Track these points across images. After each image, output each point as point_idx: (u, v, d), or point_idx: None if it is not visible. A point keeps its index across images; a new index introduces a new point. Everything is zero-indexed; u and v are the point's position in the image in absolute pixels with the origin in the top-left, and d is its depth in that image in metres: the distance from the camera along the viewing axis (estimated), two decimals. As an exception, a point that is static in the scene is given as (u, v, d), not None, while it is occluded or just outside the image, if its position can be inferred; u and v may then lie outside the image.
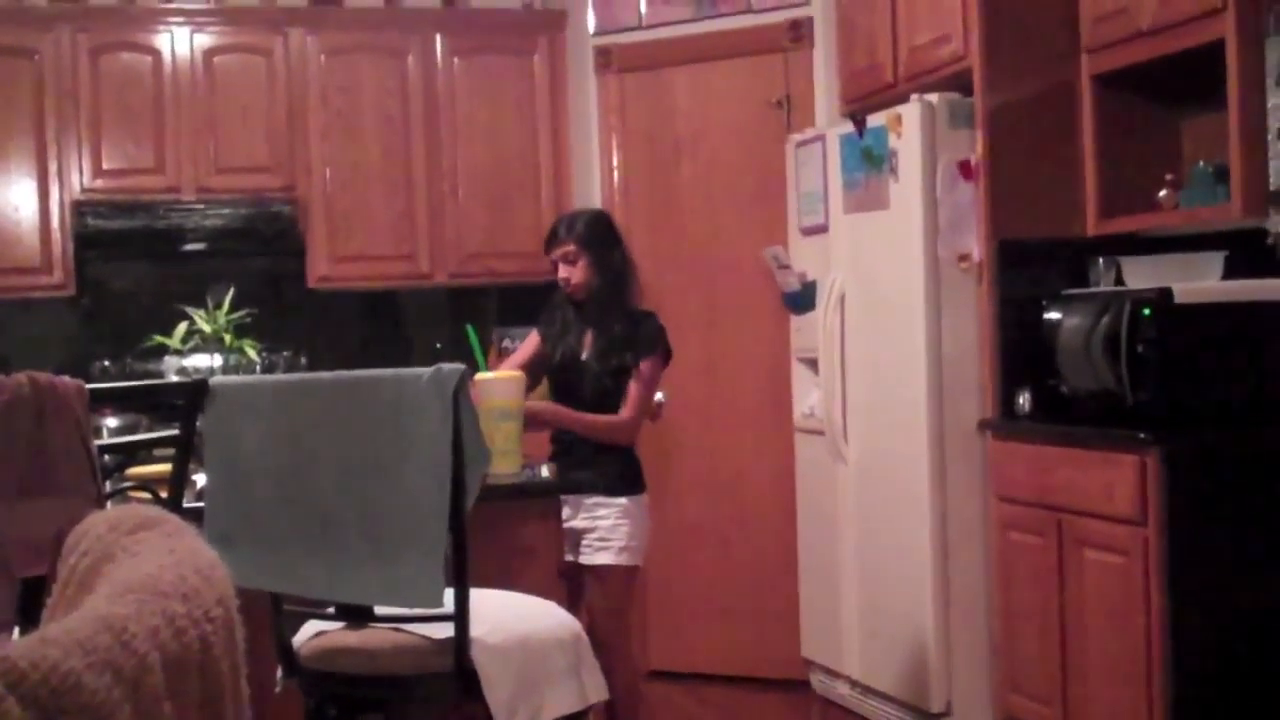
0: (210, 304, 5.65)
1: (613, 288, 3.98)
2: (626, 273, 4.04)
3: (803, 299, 5.19)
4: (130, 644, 0.96)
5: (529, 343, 4.16)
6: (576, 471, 3.80)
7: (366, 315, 6.21)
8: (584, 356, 3.97)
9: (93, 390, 2.55)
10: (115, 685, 0.92)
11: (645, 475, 4.03)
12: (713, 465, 5.61)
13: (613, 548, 3.88)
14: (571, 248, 3.97)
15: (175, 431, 2.77)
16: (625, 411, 3.90)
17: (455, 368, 2.65)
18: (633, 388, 3.90)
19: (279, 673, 2.92)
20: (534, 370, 4.04)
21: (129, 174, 5.65)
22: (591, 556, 3.88)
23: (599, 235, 4.01)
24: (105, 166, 5.62)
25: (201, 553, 1.22)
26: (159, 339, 5.58)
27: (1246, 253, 3.99)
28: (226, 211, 5.68)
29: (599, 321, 3.97)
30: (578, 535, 3.89)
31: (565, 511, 3.77)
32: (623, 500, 3.89)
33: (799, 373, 5.29)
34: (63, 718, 0.87)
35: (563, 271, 4.00)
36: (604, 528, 3.88)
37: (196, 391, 2.83)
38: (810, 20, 5.45)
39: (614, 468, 3.87)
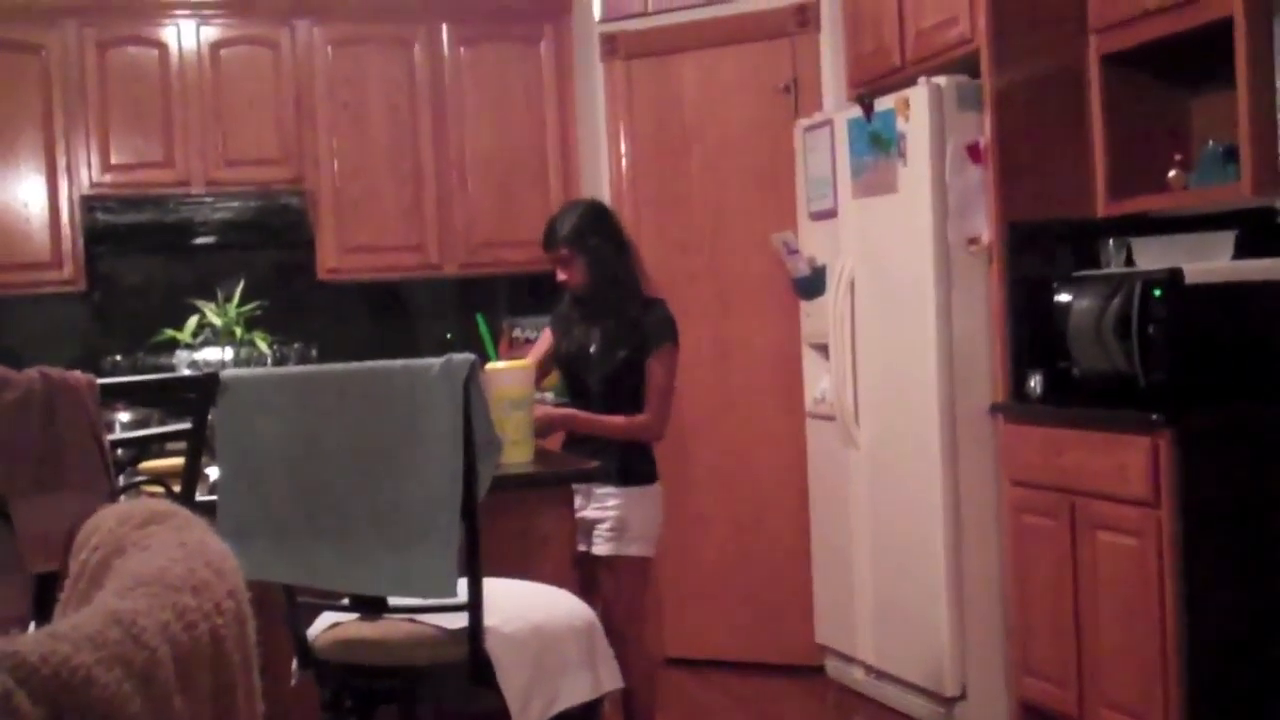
0: (221, 297, 5.66)
1: (612, 281, 3.96)
2: (625, 263, 4.01)
3: (812, 284, 5.18)
4: (141, 638, 0.96)
5: (544, 338, 4.21)
6: (588, 462, 3.80)
7: (376, 306, 6.22)
8: (591, 350, 3.97)
9: (104, 385, 2.55)
10: (126, 679, 0.92)
11: (657, 464, 4.03)
12: (724, 452, 5.61)
13: (623, 538, 3.89)
14: (564, 251, 3.96)
15: (187, 425, 2.77)
16: (648, 410, 3.90)
17: (466, 358, 2.65)
18: (650, 385, 3.90)
19: (294, 665, 2.92)
20: (550, 365, 4.13)
21: (137, 168, 5.65)
22: (602, 547, 3.89)
23: (591, 231, 3.97)
24: (114, 161, 5.63)
25: (211, 545, 1.22)
26: (170, 333, 5.59)
27: (1257, 232, 3.97)
28: (235, 204, 5.69)
29: (601, 316, 3.97)
30: (589, 525, 3.89)
31: (577, 501, 3.77)
32: (633, 490, 3.90)
33: (810, 358, 5.28)
34: (73, 713, 0.87)
35: (560, 274, 4.01)
36: (614, 518, 3.88)
37: (208, 385, 2.83)
38: (817, 4, 5.42)
39: (624, 458, 3.86)
